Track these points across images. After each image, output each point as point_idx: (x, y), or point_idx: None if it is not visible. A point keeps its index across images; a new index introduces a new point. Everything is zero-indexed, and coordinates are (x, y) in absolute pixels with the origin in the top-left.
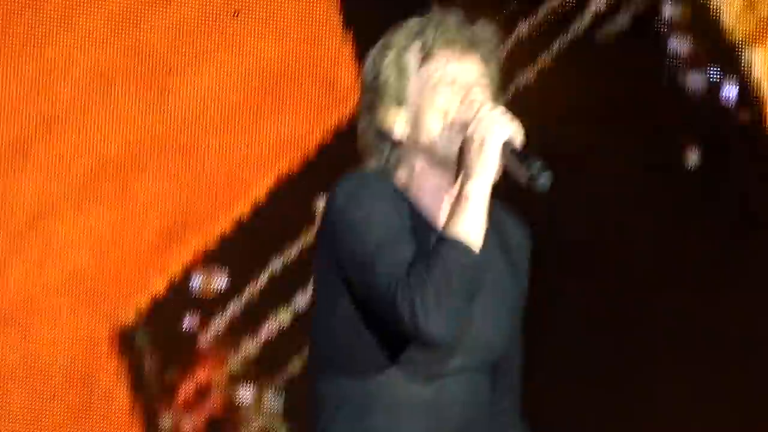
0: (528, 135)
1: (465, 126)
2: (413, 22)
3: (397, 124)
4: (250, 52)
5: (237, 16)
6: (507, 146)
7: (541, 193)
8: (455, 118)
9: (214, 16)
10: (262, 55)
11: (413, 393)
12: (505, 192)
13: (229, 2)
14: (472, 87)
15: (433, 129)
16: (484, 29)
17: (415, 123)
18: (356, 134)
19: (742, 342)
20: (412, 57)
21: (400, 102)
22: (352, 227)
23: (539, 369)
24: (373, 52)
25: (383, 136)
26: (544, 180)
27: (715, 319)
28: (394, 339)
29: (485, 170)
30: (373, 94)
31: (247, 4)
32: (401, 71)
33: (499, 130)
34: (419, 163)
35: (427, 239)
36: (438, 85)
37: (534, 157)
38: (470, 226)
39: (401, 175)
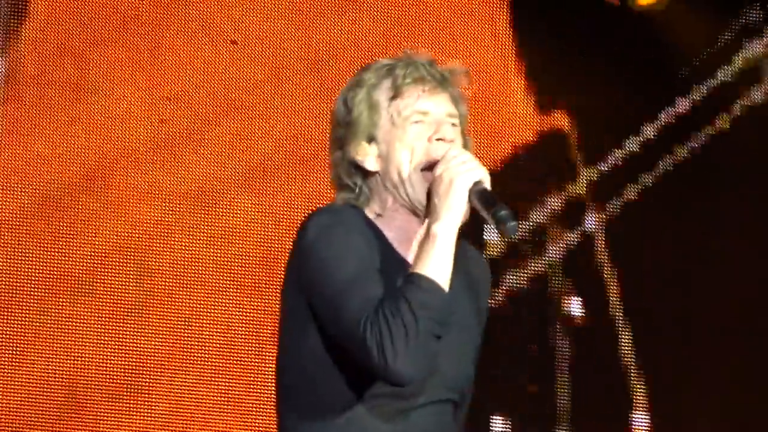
0: None
1: (432, 166)
2: (384, 62)
3: (369, 158)
4: None
5: (235, 44)
6: (475, 189)
7: (510, 237)
8: (423, 159)
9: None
10: None
11: (379, 428)
12: None
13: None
14: (441, 124)
15: (402, 163)
16: (454, 71)
17: (386, 158)
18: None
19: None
20: (382, 94)
21: (371, 138)
22: (322, 263)
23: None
24: (344, 90)
25: (356, 169)
26: (511, 227)
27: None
28: (361, 375)
29: (452, 211)
30: (345, 129)
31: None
32: (372, 107)
33: (467, 172)
34: (390, 199)
35: (395, 272)
36: (407, 121)
37: (501, 204)
38: (437, 267)
39: (373, 207)
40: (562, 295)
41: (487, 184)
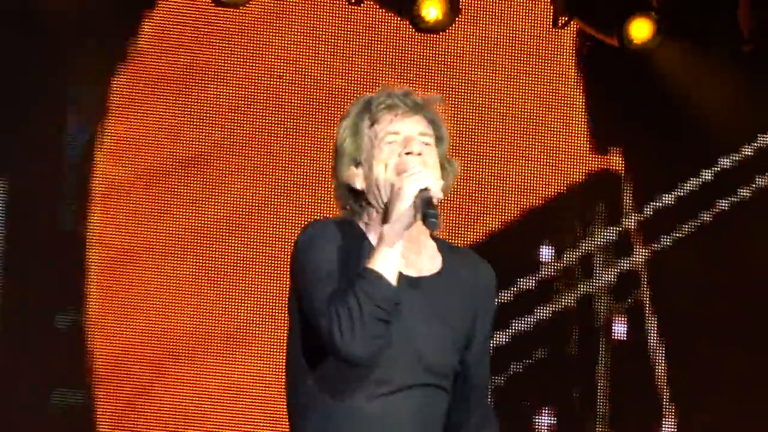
0: None
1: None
2: (365, 97)
3: (357, 179)
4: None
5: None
6: (420, 195)
7: (431, 230)
8: (395, 171)
9: None
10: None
11: (362, 411)
12: None
13: None
14: (411, 140)
15: (379, 177)
16: (427, 98)
17: (368, 175)
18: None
19: None
20: (363, 122)
21: (357, 162)
22: (304, 265)
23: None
24: None
25: (348, 191)
26: (431, 222)
27: None
28: (335, 361)
29: (399, 215)
30: (337, 159)
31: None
32: (354, 135)
33: (415, 182)
34: (374, 211)
35: None
36: (382, 141)
37: (431, 206)
38: (383, 262)
39: (364, 219)
40: (606, 315)
41: (436, 191)
